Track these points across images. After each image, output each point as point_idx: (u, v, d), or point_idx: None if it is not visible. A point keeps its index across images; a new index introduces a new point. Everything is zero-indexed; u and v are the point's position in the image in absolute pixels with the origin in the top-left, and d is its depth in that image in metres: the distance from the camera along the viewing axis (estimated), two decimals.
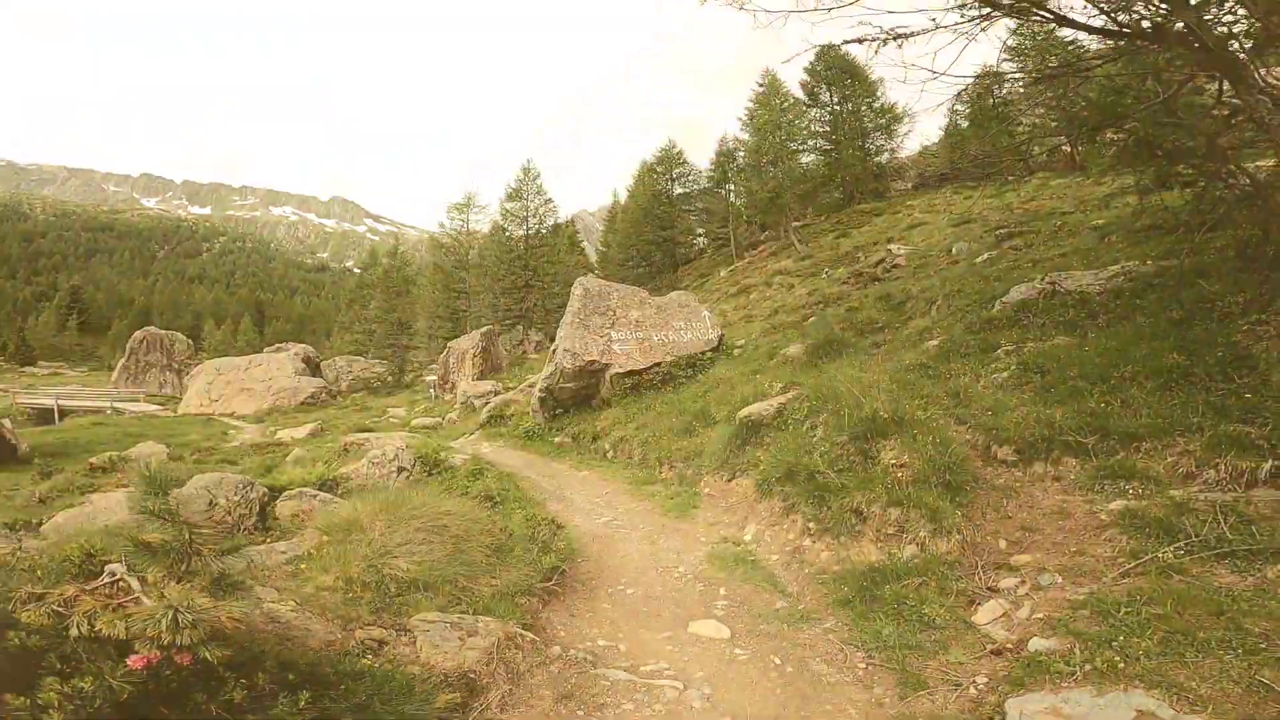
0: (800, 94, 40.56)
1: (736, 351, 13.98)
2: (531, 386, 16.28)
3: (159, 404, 39.32)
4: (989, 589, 4.01)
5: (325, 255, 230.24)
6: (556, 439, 12.46)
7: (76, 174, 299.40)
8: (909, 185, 40.29)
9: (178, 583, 2.28)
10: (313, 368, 39.62)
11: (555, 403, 13.37)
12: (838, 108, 41.39)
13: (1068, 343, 6.94)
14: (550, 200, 37.45)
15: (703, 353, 13.22)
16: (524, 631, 3.53)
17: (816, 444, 5.79)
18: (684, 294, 15.20)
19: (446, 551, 3.88)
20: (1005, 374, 6.38)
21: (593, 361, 12.68)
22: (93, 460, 18.86)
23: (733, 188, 42.14)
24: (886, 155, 41.56)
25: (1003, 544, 4.31)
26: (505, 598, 3.90)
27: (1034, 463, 4.86)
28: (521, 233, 36.85)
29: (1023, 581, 3.97)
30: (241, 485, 10.04)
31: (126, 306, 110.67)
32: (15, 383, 64.75)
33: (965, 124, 34.43)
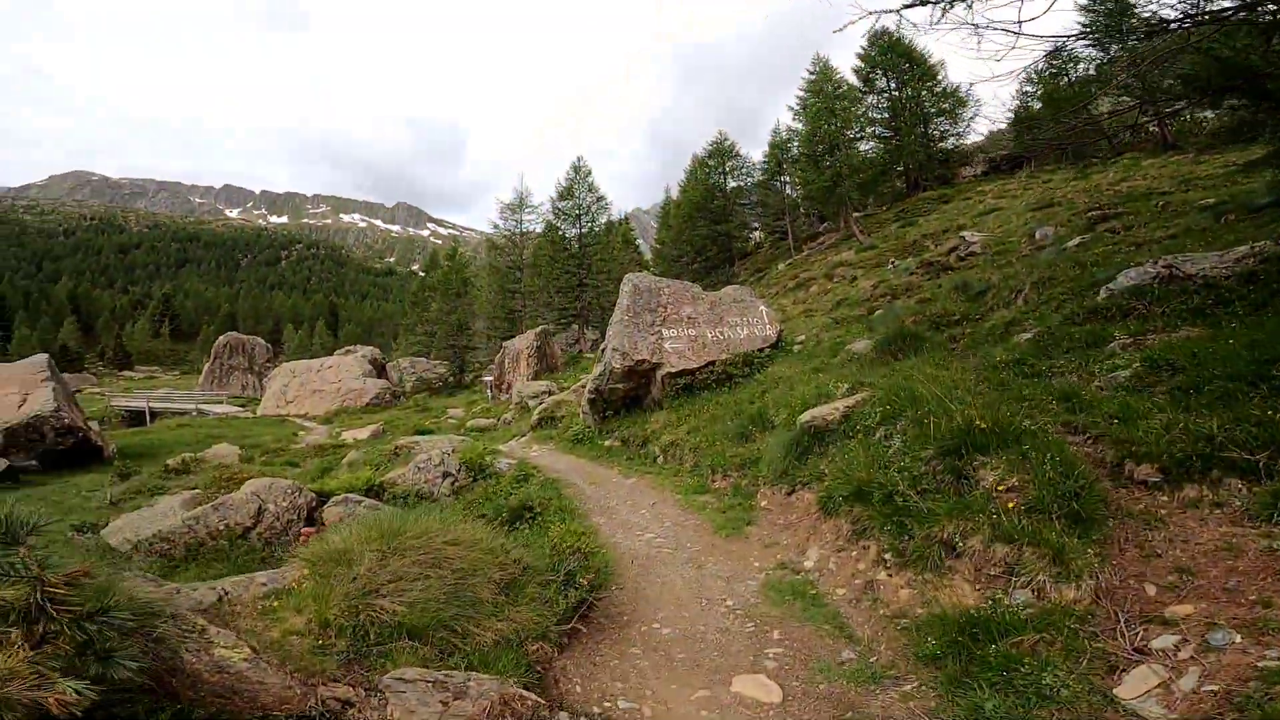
0: (854, 81, 38.98)
1: (796, 348, 13.02)
2: (584, 387, 15.78)
3: (240, 405, 41.22)
4: (1136, 650, 3.04)
5: (392, 260, 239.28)
6: (606, 442, 11.84)
7: (165, 187, 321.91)
8: (978, 171, 37.96)
9: (34, 648, 1.71)
10: (379, 369, 40.67)
11: (605, 404, 12.76)
12: (896, 93, 39.60)
13: (1200, 334, 5.76)
14: (602, 198, 37.01)
15: (760, 350, 12.33)
16: (525, 692, 2.85)
17: (893, 457, 4.87)
18: (739, 289, 14.30)
19: (446, 589, 3.24)
20: (1127, 372, 5.26)
21: (643, 361, 12.01)
22: (169, 462, 19.62)
23: (788, 179, 40.80)
24: (952, 140, 39.33)
25: (1151, 590, 3.31)
26: (511, 646, 3.23)
27: (1184, 485, 3.79)
28: (574, 231, 36.58)
29: (1184, 640, 2.98)
30: (289, 491, 9.88)
31: (214, 313, 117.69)
32: (114, 386, 69.98)
33: (1039, 104, 32.17)
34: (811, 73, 36.29)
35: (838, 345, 11.33)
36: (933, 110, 39.01)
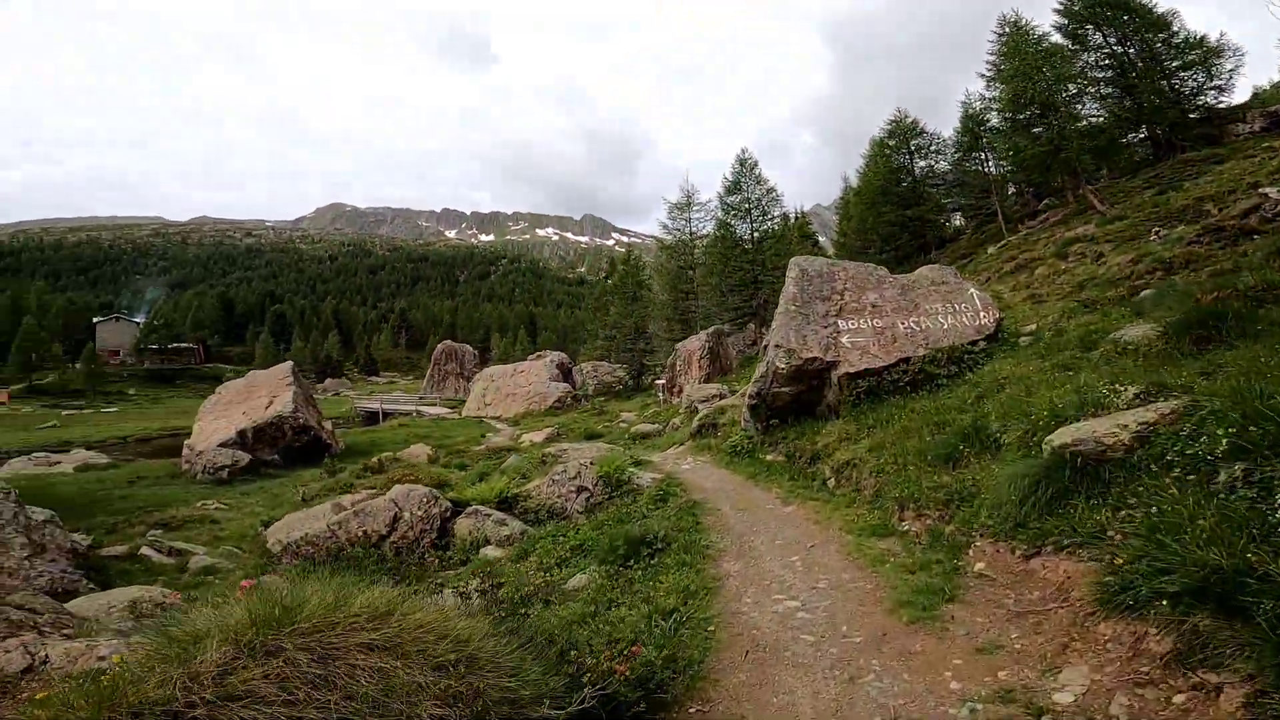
0: (1058, 39, 33.68)
1: (1024, 340, 9.97)
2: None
3: (450, 408, 45.55)
4: None
5: (583, 270, 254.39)
6: (768, 456, 9.92)
7: (399, 214, 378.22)
8: (1255, 127, 29.79)
9: None
10: (565, 373, 42.39)
11: (769, 411, 10.81)
12: (1118, 49, 32.79)
13: None
14: (773, 189, 34.38)
15: (972, 343, 9.55)
16: None
17: None
18: (940, 269, 11.47)
19: None
20: None
21: (814, 359, 9.88)
22: (368, 461, 21.46)
23: (989, 154, 35.05)
24: (1212, 95, 31.66)
25: None
26: None
27: None
28: (745, 226, 34.50)
29: None
30: (426, 499, 9.47)
31: (438, 324, 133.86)
32: (363, 389, 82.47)
33: None
34: (1000, 34, 32.45)
35: (1092, 334, 8.24)
36: (1175, 64, 32.14)
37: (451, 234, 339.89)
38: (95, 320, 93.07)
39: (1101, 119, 32.47)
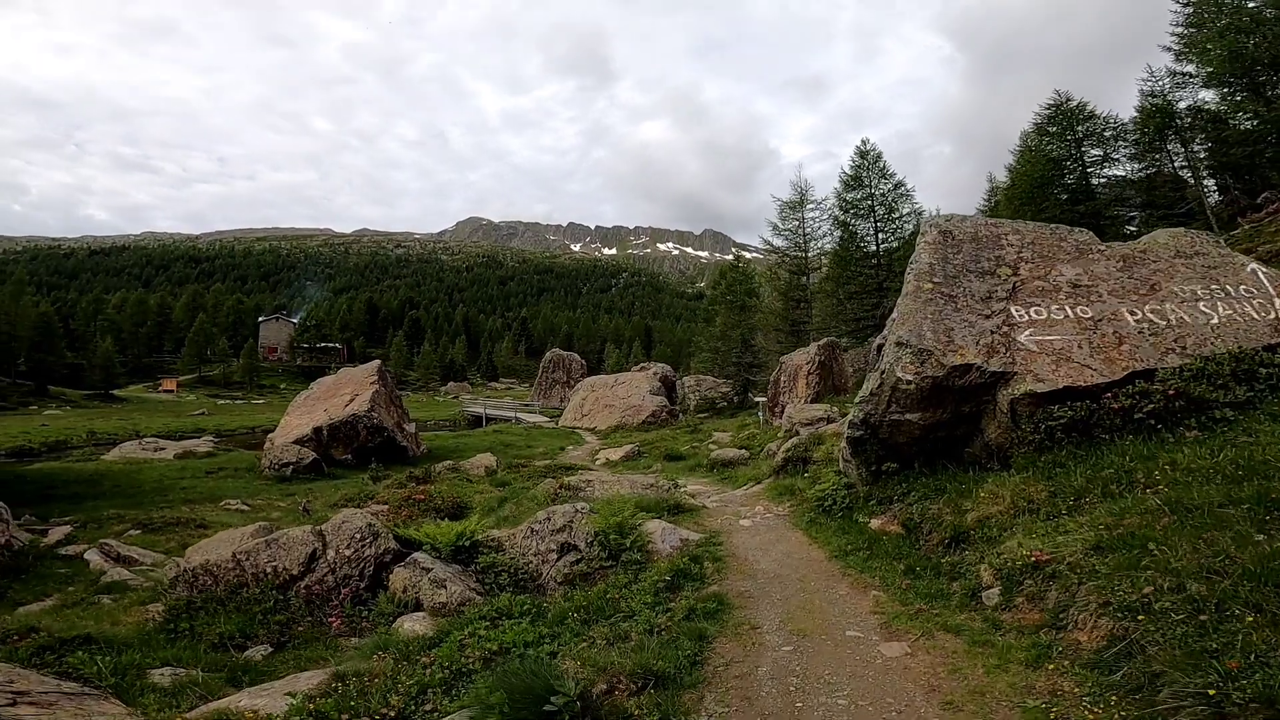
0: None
1: None
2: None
3: (549, 416, 44.25)
4: None
5: (702, 284, 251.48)
6: (873, 522, 6.14)
7: (530, 228, 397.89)
8: None
9: None
10: (669, 386, 39.66)
11: (881, 449, 6.85)
12: None
13: None
14: (901, 184, 28.86)
15: (1269, 348, 5.26)
16: None
17: None
18: (1187, 233, 7.09)
19: None
20: None
21: (966, 367, 5.95)
22: (414, 469, 19.59)
23: (1181, 145, 27.77)
24: None
25: None
26: None
27: None
28: (868, 225, 29.38)
29: None
30: (359, 537, 6.64)
31: (556, 334, 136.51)
32: (481, 393, 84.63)
33: None
34: (1186, 2, 28.18)
35: None
36: None
37: (576, 247, 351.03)
38: (260, 319, 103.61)
39: None
